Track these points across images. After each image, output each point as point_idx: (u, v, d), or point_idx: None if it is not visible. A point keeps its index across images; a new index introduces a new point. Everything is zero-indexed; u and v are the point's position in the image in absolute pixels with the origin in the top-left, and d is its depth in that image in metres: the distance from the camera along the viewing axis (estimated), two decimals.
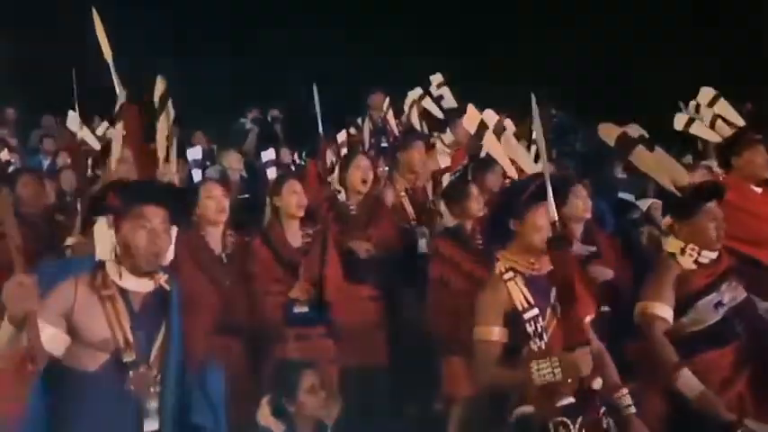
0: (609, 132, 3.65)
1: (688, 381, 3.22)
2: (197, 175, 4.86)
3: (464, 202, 4.23)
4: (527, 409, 2.84)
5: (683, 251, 3.40)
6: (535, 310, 2.87)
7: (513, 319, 2.87)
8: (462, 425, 4.10)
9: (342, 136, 5.85)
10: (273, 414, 3.36)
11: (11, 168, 6.23)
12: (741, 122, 4.62)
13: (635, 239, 4.23)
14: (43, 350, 2.28)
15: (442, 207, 4.49)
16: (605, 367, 3.02)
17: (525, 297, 2.88)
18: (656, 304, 3.34)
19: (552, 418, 2.79)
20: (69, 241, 4.07)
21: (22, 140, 8.24)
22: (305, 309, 4.03)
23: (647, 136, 3.64)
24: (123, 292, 2.46)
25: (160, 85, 4.13)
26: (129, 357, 2.40)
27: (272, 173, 4.77)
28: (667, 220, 3.56)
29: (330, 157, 5.51)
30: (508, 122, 4.43)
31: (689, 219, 3.44)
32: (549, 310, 2.90)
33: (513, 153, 3.49)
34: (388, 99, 6.89)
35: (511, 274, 2.92)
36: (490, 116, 3.91)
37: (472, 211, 4.22)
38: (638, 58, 9.42)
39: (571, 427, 2.78)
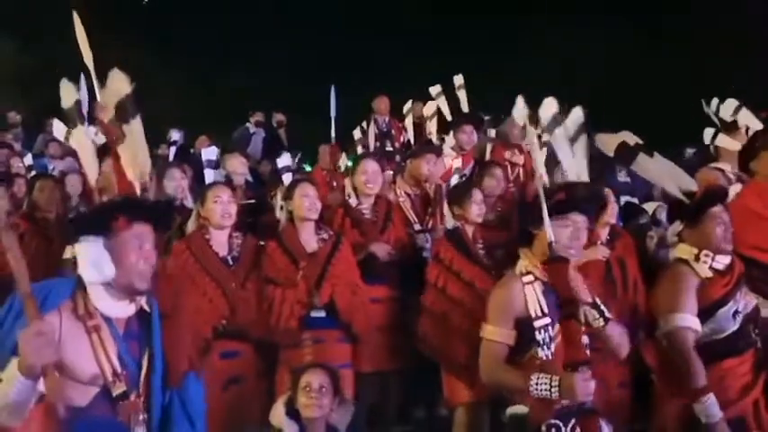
0: (607, 142, 3.60)
1: (710, 408, 3.20)
2: (209, 175, 4.82)
3: (464, 204, 4.22)
4: (521, 409, 2.85)
5: (696, 258, 3.39)
6: (547, 319, 2.87)
7: (525, 324, 2.88)
8: (466, 430, 4.09)
9: (356, 135, 5.81)
10: (287, 414, 3.36)
11: (31, 174, 6.21)
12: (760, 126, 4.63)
13: (644, 244, 4.20)
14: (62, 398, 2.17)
15: (446, 208, 4.48)
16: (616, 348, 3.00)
17: (540, 305, 2.88)
18: (684, 316, 3.31)
19: (545, 421, 2.80)
20: (69, 253, 4.01)
21: (27, 144, 8.25)
22: (321, 314, 4.01)
23: (641, 143, 3.60)
24: (107, 320, 2.35)
25: (122, 84, 3.27)
26: (118, 390, 2.31)
27: (287, 178, 4.76)
28: (676, 226, 3.54)
29: (344, 160, 5.50)
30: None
31: (697, 224, 3.42)
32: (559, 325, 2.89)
33: (560, 152, 3.39)
34: (410, 103, 6.87)
35: (531, 278, 2.93)
36: (548, 104, 3.75)
37: (471, 215, 4.20)
38: (647, 60, 9.43)
39: (563, 430, 2.80)
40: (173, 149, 7.09)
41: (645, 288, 3.90)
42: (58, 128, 5.49)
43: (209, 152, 5.10)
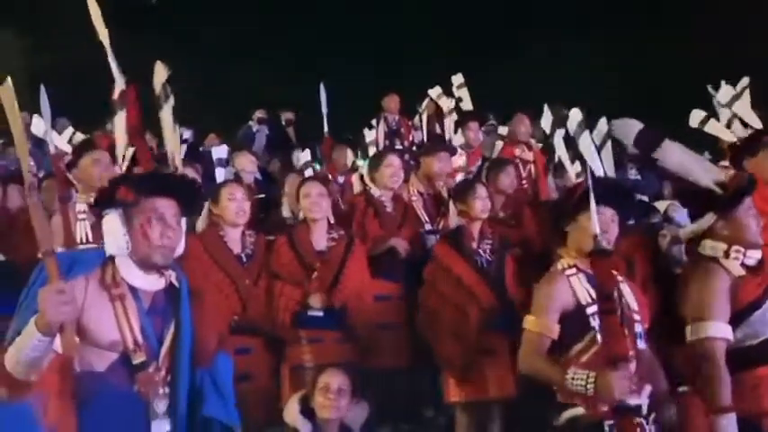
0: (626, 129, 3.35)
1: (729, 427, 2.94)
2: (220, 174, 4.81)
3: (469, 201, 4.20)
4: (577, 411, 2.82)
5: (726, 254, 3.12)
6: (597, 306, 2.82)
7: (572, 317, 2.84)
8: (468, 430, 4.09)
9: (371, 135, 5.78)
10: (301, 413, 3.36)
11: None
12: (758, 124, 4.52)
13: (656, 243, 4.16)
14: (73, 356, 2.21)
15: (451, 206, 4.46)
16: (652, 377, 2.95)
17: (589, 293, 2.85)
18: (714, 324, 3.03)
19: (606, 420, 2.75)
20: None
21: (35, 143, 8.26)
22: (319, 313, 4.01)
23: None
24: (133, 290, 2.36)
25: (161, 71, 3.68)
26: (138, 359, 2.32)
27: (309, 173, 4.78)
28: (708, 218, 3.22)
29: (350, 157, 5.48)
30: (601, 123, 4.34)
31: (731, 217, 3.16)
32: None
33: (587, 154, 3.31)
34: (428, 100, 6.85)
35: (574, 270, 2.91)
36: (574, 115, 3.69)
37: (475, 212, 4.18)
38: (653, 56, 9.39)
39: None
40: (183, 148, 7.04)
41: (655, 287, 3.88)
42: (38, 125, 5.49)
43: (220, 151, 5.10)
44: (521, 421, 3.85)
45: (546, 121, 3.16)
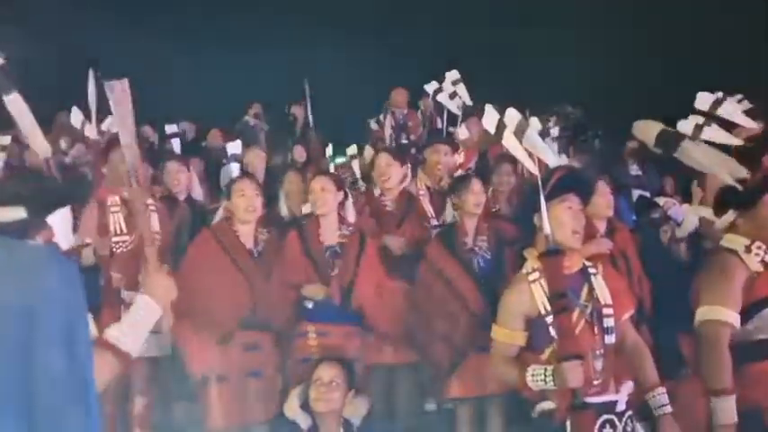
0: (647, 130, 3.39)
1: (728, 409, 2.99)
2: (235, 169, 4.78)
3: (463, 195, 4.17)
4: (548, 404, 2.84)
5: (748, 249, 3.12)
6: None
7: (537, 324, 2.84)
8: (468, 424, 4.10)
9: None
10: (301, 407, 3.36)
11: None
12: (750, 123, 4.48)
13: (658, 238, 4.15)
14: None
15: (448, 201, 4.45)
16: (640, 366, 2.97)
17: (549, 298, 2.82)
18: (722, 309, 3.05)
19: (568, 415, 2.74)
20: None
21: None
22: (310, 304, 3.98)
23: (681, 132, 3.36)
24: None
25: None
26: None
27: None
28: (729, 215, 3.25)
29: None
30: (533, 120, 4.35)
31: (752, 212, 3.17)
32: (577, 310, 2.85)
33: (537, 150, 3.35)
34: (431, 98, 6.84)
35: (536, 275, 2.86)
36: (512, 115, 3.79)
37: (469, 207, 4.14)
38: (654, 57, 9.38)
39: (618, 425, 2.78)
40: (175, 141, 6.92)
41: (653, 280, 3.88)
42: (76, 115, 5.56)
43: (234, 146, 5.06)
44: (523, 415, 3.85)
45: (489, 120, 3.17)
